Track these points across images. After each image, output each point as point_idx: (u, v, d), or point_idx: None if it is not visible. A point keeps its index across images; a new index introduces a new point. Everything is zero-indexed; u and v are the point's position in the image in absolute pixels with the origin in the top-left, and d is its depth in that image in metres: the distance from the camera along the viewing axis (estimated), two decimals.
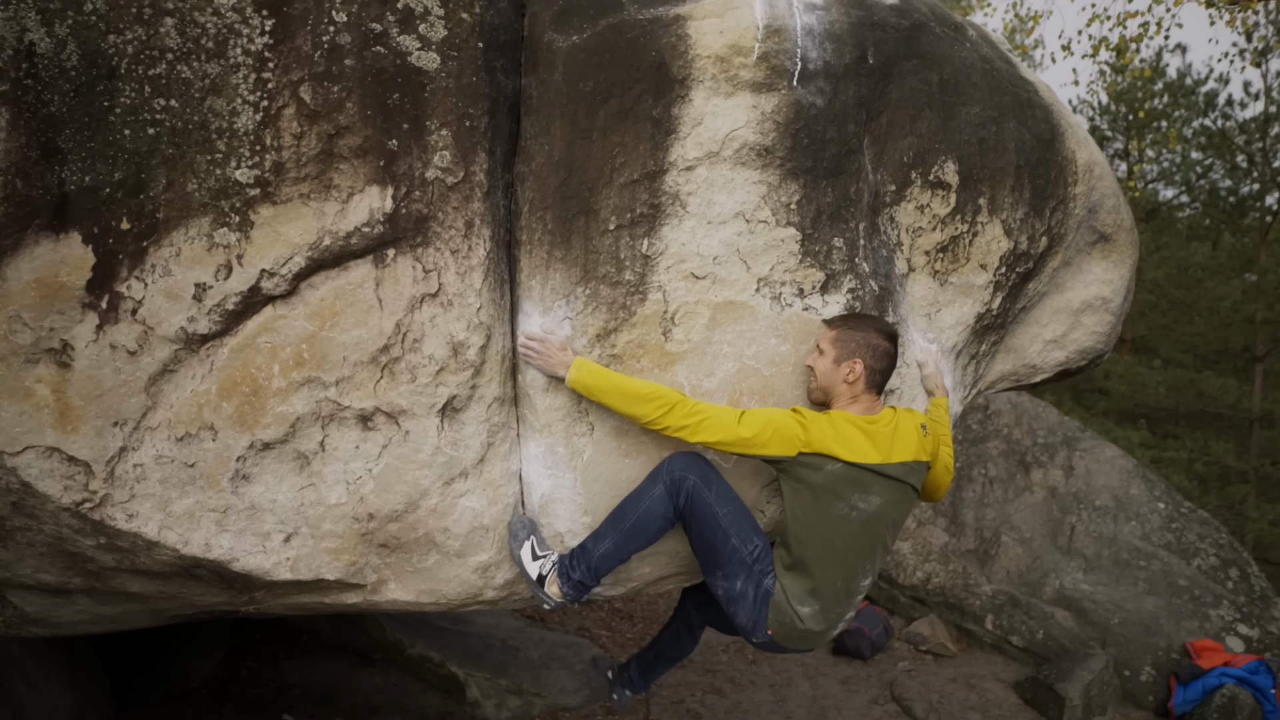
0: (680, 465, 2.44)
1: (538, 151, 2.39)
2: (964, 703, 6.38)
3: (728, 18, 2.43)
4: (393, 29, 2.25)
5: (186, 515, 2.24)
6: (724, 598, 2.54)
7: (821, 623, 2.50)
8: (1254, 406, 11.33)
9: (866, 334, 2.40)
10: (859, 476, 2.37)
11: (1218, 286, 11.51)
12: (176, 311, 2.15)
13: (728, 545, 2.46)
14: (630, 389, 2.33)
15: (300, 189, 2.21)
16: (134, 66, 2.06)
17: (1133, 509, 7.83)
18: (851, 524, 2.40)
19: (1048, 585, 7.34)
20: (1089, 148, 2.94)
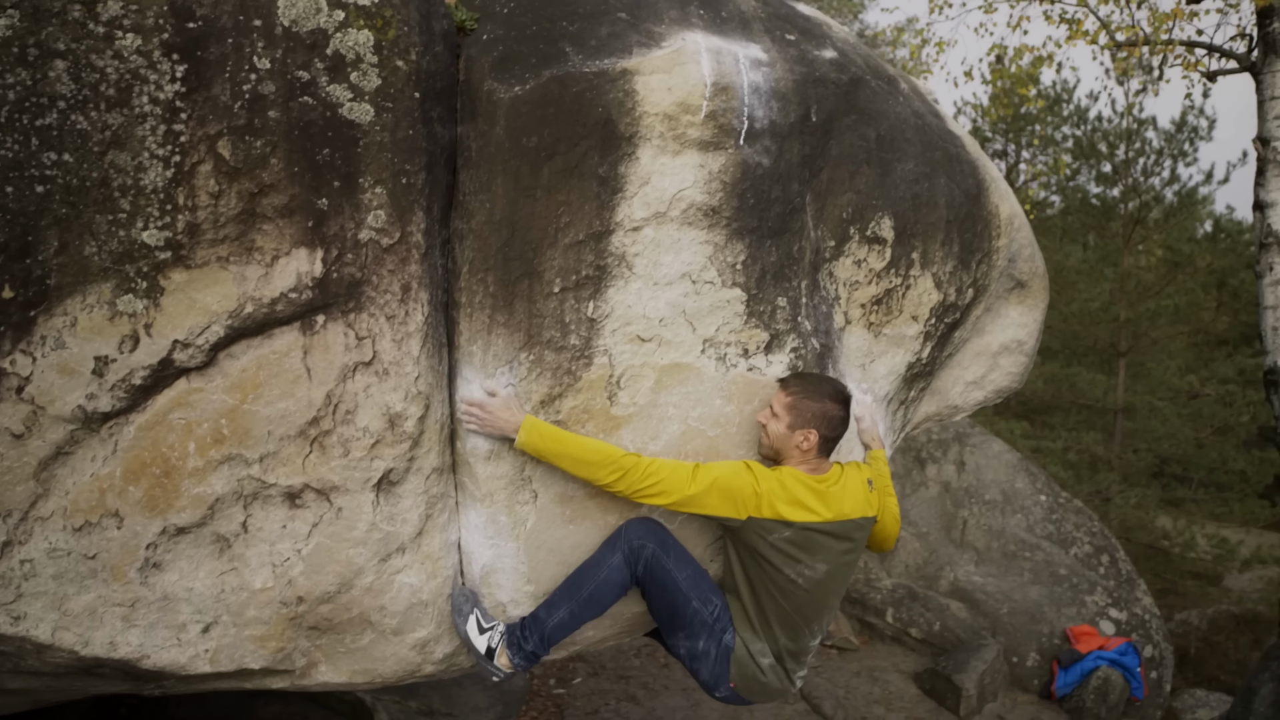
0: (638, 533, 2.39)
1: (478, 209, 2.25)
2: (868, 696, 6.61)
3: (676, 74, 2.34)
4: (322, 78, 2.06)
5: (87, 612, 2.03)
6: (686, 657, 2.53)
7: (779, 679, 2.51)
8: (1118, 399, 12.11)
9: (822, 404, 2.38)
10: (807, 540, 2.38)
11: (1089, 287, 12.21)
12: (72, 388, 1.93)
13: (689, 608, 2.44)
14: (583, 453, 2.26)
15: (218, 251, 2.01)
16: (17, 115, 1.81)
17: (1018, 502, 8.25)
18: (799, 588, 2.41)
19: (943, 578, 7.66)
20: (1010, 201, 3.01)
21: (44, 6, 1.83)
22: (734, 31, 2.57)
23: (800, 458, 2.43)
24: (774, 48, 2.59)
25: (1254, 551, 10.99)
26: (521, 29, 2.37)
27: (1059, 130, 14.12)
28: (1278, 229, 4.76)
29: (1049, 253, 11.53)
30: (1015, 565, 7.69)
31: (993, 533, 8.00)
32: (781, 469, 2.43)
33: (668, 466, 2.31)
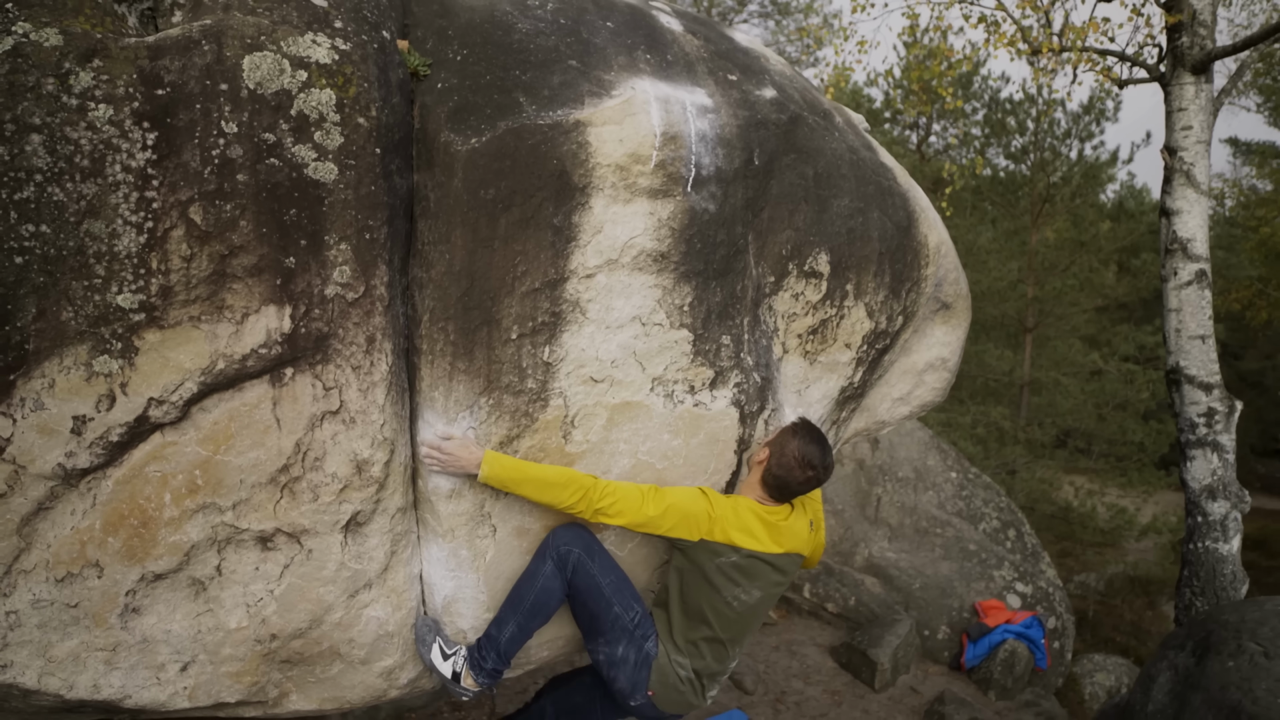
0: (565, 539, 2.55)
1: (438, 259, 2.36)
2: (787, 670, 6.93)
3: (627, 125, 2.47)
4: (287, 139, 2.13)
5: (70, 658, 2.11)
6: (604, 663, 2.66)
7: (694, 692, 2.69)
8: (1024, 374, 12.74)
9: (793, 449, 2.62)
10: (751, 566, 2.57)
11: (998, 265, 12.75)
12: (52, 447, 1.99)
13: (610, 613, 2.59)
14: (544, 478, 2.41)
15: (190, 311, 2.08)
16: None
17: (930, 479, 8.67)
18: (733, 611, 2.61)
19: (858, 554, 8.04)
20: (938, 230, 3.23)
21: (19, 82, 1.86)
22: (680, 76, 2.70)
23: (753, 484, 2.65)
24: (718, 91, 2.73)
25: (1150, 522, 11.77)
26: (476, 78, 2.46)
27: (969, 104, 14.59)
28: (1182, 235, 5.13)
29: (960, 231, 12.01)
30: (927, 541, 8.11)
31: (905, 509, 8.40)
32: (738, 497, 2.63)
33: (625, 488, 2.47)
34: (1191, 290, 5.12)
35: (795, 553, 2.70)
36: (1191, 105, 5.06)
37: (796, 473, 2.60)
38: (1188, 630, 4.44)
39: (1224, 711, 3.75)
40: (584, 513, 2.45)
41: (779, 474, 2.60)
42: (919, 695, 6.62)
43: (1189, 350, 5.17)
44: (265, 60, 2.10)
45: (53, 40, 1.92)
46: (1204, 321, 5.15)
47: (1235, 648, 4.00)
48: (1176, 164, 5.11)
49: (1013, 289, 12.88)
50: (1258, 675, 3.77)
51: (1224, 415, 5.14)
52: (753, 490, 2.68)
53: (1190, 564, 5.24)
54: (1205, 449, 5.15)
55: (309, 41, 2.18)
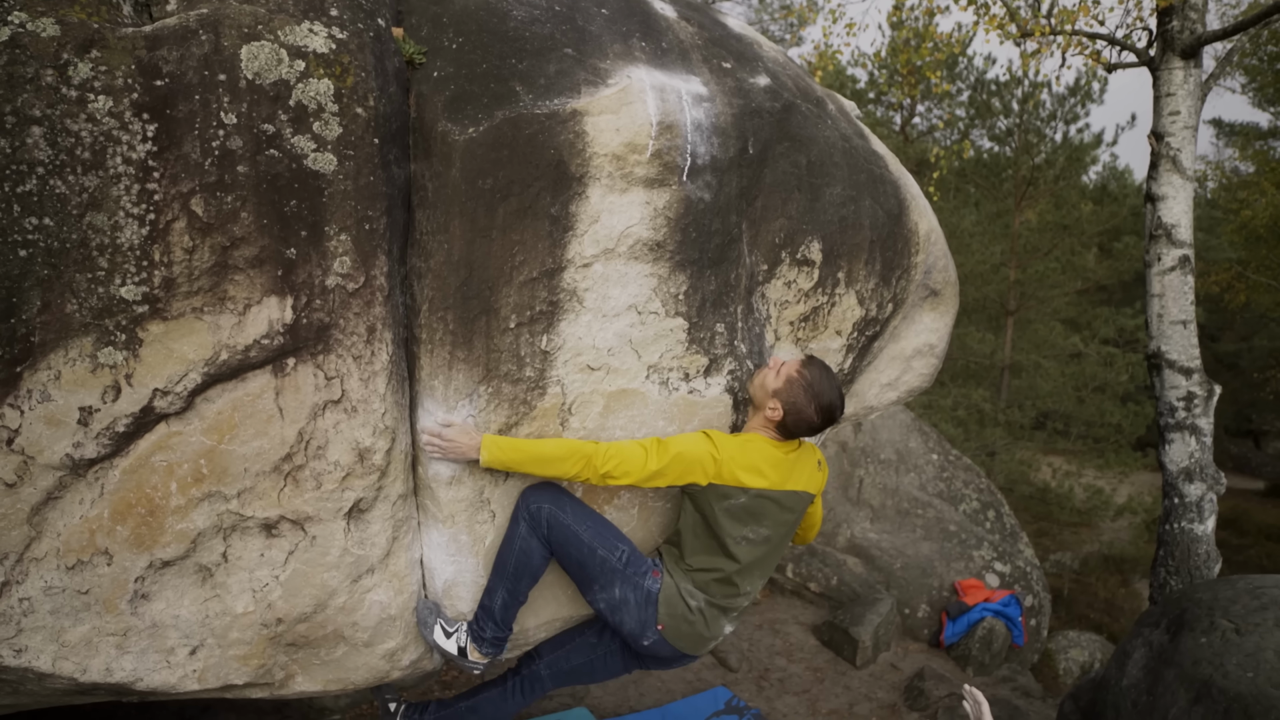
0: (532, 498, 2.55)
1: (436, 249, 2.38)
2: (770, 648, 7.04)
3: (623, 114, 2.49)
4: (286, 129, 2.14)
5: (83, 643, 2.14)
6: (606, 610, 2.64)
7: (706, 623, 2.66)
8: (1005, 357, 12.88)
9: (811, 404, 2.62)
10: (759, 506, 2.59)
11: (981, 249, 12.85)
12: (60, 438, 2.01)
13: (595, 558, 2.58)
14: (545, 454, 2.42)
15: (193, 303, 2.10)
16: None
17: (911, 461, 8.79)
18: (742, 549, 2.61)
19: (840, 535, 8.15)
20: (928, 217, 3.27)
21: (18, 74, 1.86)
22: (675, 64, 2.73)
23: (762, 423, 2.67)
24: (713, 79, 2.76)
25: (1125, 502, 11.98)
26: (472, 66, 2.47)
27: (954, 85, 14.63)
28: (1167, 221, 5.20)
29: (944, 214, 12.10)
30: (908, 522, 8.24)
31: (887, 491, 8.52)
32: (746, 435, 2.65)
33: (627, 448, 2.47)
34: (1174, 276, 5.21)
35: (804, 491, 2.72)
36: (1180, 90, 5.11)
37: (815, 420, 2.64)
38: (1162, 608, 4.55)
39: (1196, 686, 3.85)
40: (590, 479, 2.45)
41: (793, 421, 2.63)
42: (899, 672, 6.75)
43: (1170, 335, 5.26)
44: (263, 50, 2.11)
45: (50, 30, 1.92)
46: (1186, 307, 5.24)
47: (1208, 624, 4.10)
48: (1163, 149, 5.18)
49: (995, 272, 13.00)
50: (1229, 651, 3.88)
51: (1203, 399, 5.25)
52: (764, 429, 2.69)
53: (1166, 544, 5.36)
54: (1184, 432, 5.26)
55: (306, 30, 2.19)
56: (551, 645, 2.97)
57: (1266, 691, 3.58)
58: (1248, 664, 3.75)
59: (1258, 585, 4.28)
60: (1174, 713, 3.85)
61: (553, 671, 2.95)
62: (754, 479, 2.57)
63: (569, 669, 2.94)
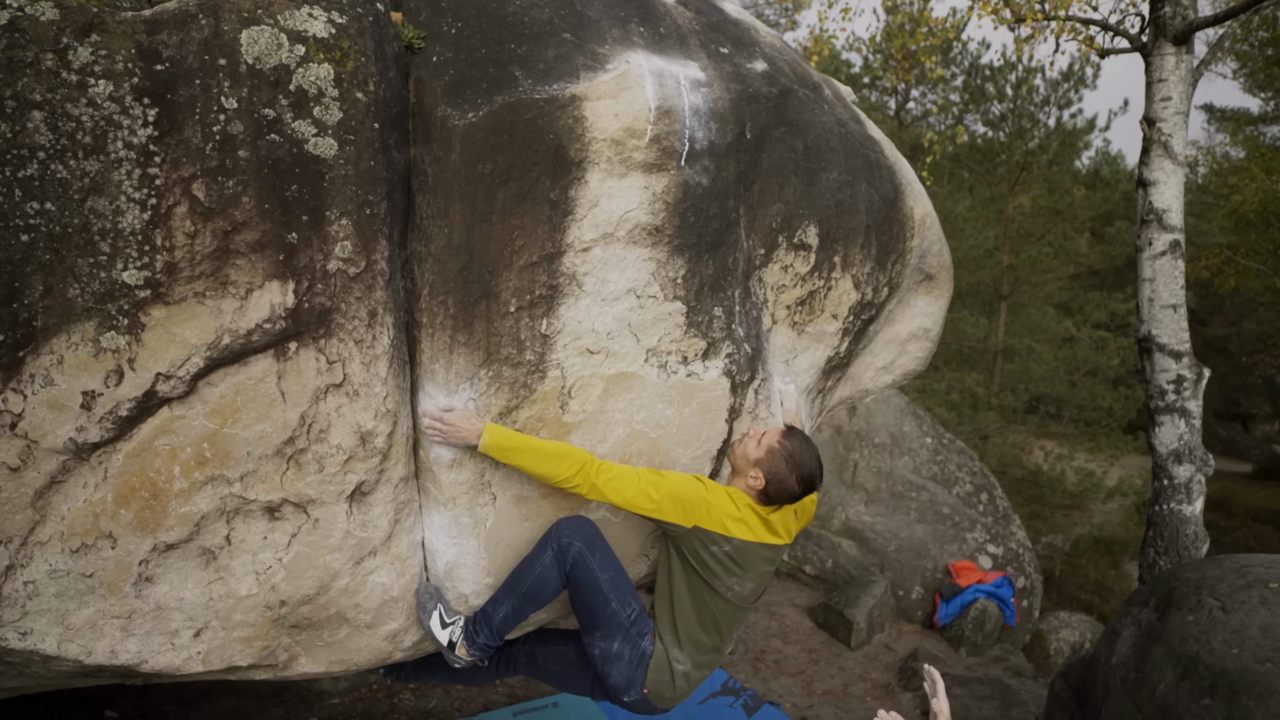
0: (567, 531, 2.57)
1: (436, 234, 2.39)
2: (766, 630, 7.11)
3: (622, 99, 2.50)
4: (287, 114, 2.15)
5: (88, 625, 2.16)
6: (599, 657, 2.66)
7: (685, 688, 2.74)
8: (999, 341, 12.94)
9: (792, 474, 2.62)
10: (744, 553, 2.62)
11: (975, 233, 12.89)
12: (63, 422, 2.03)
13: (608, 609, 2.60)
14: (543, 450, 2.44)
15: (195, 287, 2.11)
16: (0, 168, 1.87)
17: (905, 444, 8.84)
18: (728, 601, 2.67)
19: (835, 518, 8.20)
20: (923, 202, 3.29)
21: (18, 58, 1.86)
22: (673, 49, 2.73)
23: (744, 488, 2.68)
24: (710, 65, 2.76)
25: (1116, 485, 12.07)
26: (471, 51, 2.48)
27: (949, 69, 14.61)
28: (1158, 206, 5.22)
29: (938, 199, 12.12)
30: (902, 505, 8.30)
31: (882, 474, 8.58)
32: (733, 489, 2.67)
33: (625, 468, 2.50)
34: (1165, 260, 5.24)
35: (782, 545, 2.76)
36: (1171, 76, 5.13)
37: (796, 489, 2.64)
38: (1151, 587, 4.60)
39: (1183, 662, 3.91)
40: (579, 487, 2.45)
41: (775, 490, 2.63)
42: (893, 653, 6.82)
43: (1161, 319, 5.30)
44: (263, 35, 2.11)
45: (49, 14, 1.92)
46: (1176, 291, 5.27)
47: (1195, 603, 4.16)
48: (1155, 135, 5.20)
49: (989, 257, 13.05)
50: (1215, 628, 3.94)
51: (1192, 382, 5.29)
52: (742, 487, 2.70)
53: (1155, 525, 5.42)
54: (1173, 415, 5.30)
55: (305, 15, 2.19)
56: (538, 637, 3.00)
57: (1251, 667, 3.64)
58: (1233, 641, 3.81)
59: (1243, 564, 4.34)
60: (1162, 689, 3.91)
61: (530, 662, 2.98)
62: (740, 529, 2.60)
63: (542, 667, 2.97)
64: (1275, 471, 20.05)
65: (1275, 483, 19.50)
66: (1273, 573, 4.20)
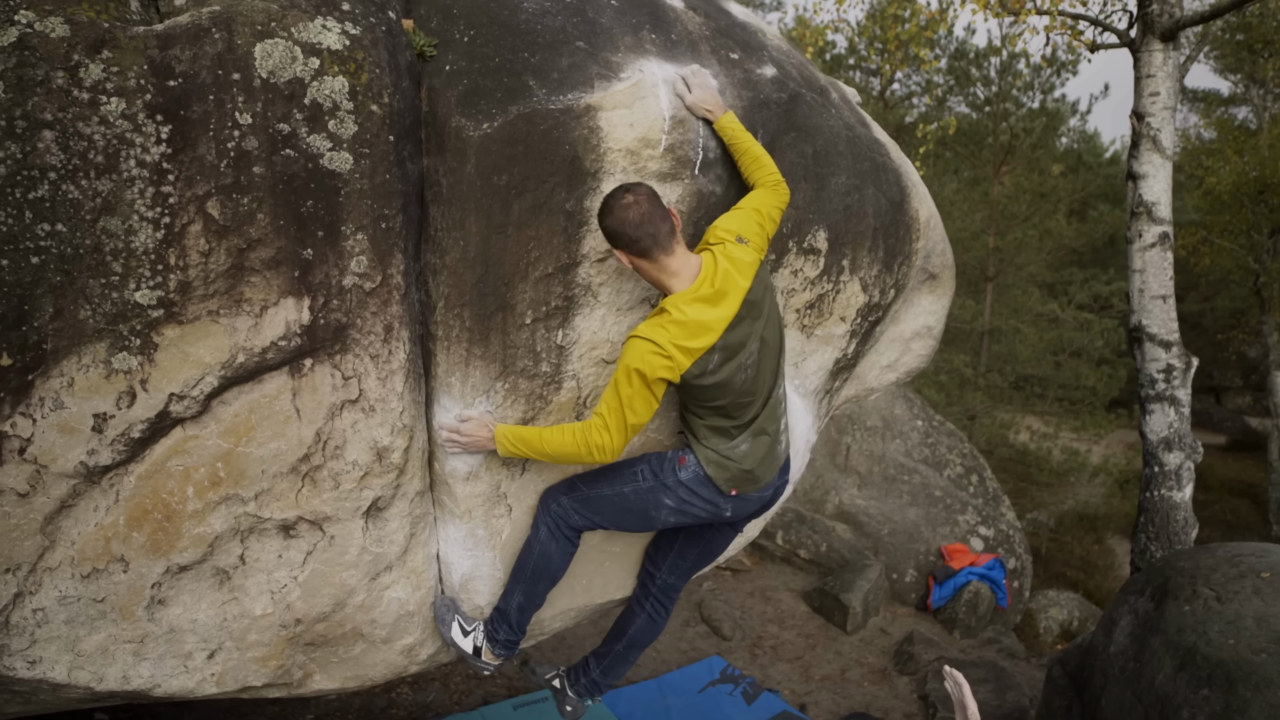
0: (548, 497, 2.57)
1: (452, 246, 2.35)
2: (762, 615, 7.16)
3: (636, 109, 2.46)
4: (302, 129, 2.10)
5: (99, 651, 2.13)
6: (679, 523, 2.58)
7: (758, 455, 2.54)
8: (985, 322, 13.02)
9: (604, 218, 2.32)
10: (728, 346, 2.38)
11: (962, 216, 12.93)
12: (74, 446, 1.99)
13: (629, 497, 2.51)
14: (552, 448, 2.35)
15: (209, 306, 2.06)
16: (10, 190, 1.81)
17: (897, 428, 8.89)
18: (749, 372, 2.44)
19: (829, 502, 8.25)
20: (928, 204, 3.28)
21: (28, 76, 1.80)
22: (685, 56, 2.69)
23: (655, 276, 2.37)
24: (722, 72, 2.73)
25: (1101, 463, 12.23)
26: (484, 60, 2.43)
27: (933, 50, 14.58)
28: (1147, 199, 5.25)
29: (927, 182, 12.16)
30: (895, 488, 8.36)
31: (874, 458, 8.63)
32: (666, 304, 2.35)
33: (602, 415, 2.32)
34: (1155, 252, 5.27)
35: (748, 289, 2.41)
36: (1159, 72, 5.14)
37: (629, 213, 2.27)
38: (1146, 576, 4.66)
39: (1180, 652, 3.97)
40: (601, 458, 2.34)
41: (618, 229, 2.29)
42: (888, 636, 6.90)
43: (1151, 309, 5.34)
44: (277, 48, 2.06)
45: (59, 31, 1.86)
46: (1165, 282, 5.31)
47: (1190, 593, 4.22)
48: (1144, 129, 5.22)
49: (975, 239, 13.10)
50: (1211, 619, 4.00)
51: (1181, 371, 5.35)
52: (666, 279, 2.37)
53: (1146, 511, 5.49)
54: (1163, 403, 5.36)
55: (319, 27, 2.13)
56: (659, 553, 2.92)
57: (1247, 658, 3.70)
58: (1229, 631, 3.87)
59: (1236, 554, 4.41)
60: (1160, 679, 3.97)
61: (677, 573, 2.91)
62: (705, 337, 2.32)
63: (689, 564, 2.90)
64: (1248, 444, 20.39)
65: (1249, 455, 19.86)
66: (1264, 562, 4.26)
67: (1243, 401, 25.15)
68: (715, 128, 2.56)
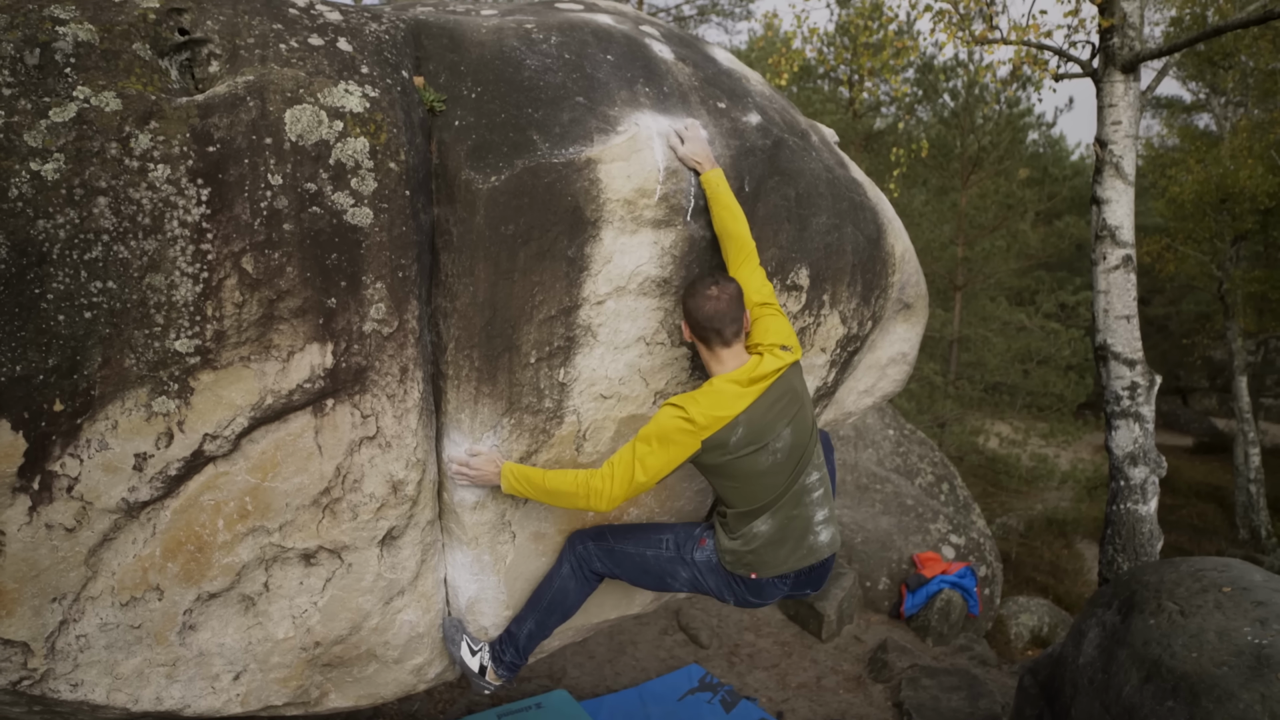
0: (578, 540, 2.78)
1: (462, 291, 2.52)
2: (739, 624, 7.36)
3: (633, 161, 2.65)
4: (327, 187, 2.27)
5: (135, 674, 2.28)
6: (691, 592, 2.81)
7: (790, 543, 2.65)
8: (955, 330, 13.33)
9: (690, 301, 2.60)
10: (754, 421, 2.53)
11: (932, 228, 13.23)
12: (116, 484, 2.14)
13: (650, 560, 2.74)
14: (552, 488, 2.52)
15: (241, 352, 2.22)
16: (67, 251, 1.97)
17: (869, 437, 9.12)
18: (777, 457, 2.58)
19: None
20: (903, 239, 3.49)
21: (85, 149, 1.96)
22: (676, 108, 2.88)
23: (710, 360, 2.62)
24: (711, 122, 2.92)
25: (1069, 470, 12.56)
26: (491, 115, 2.60)
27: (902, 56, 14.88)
28: (1110, 223, 5.52)
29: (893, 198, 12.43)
30: (868, 497, 8.59)
31: (847, 467, 8.86)
32: (711, 380, 2.58)
33: (612, 468, 2.49)
34: (1119, 274, 5.54)
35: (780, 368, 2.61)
36: (1121, 102, 5.42)
37: (707, 305, 2.54)
38: (1114, 589, 4.90)
39: (1146, 665, 4.18)
40: (598, 506, 2.50)
41: (700, 318, 2.56)
42: (863, 644, 7.12)
43: (1115, 329, 5.60)
44: (305, 113, 2.23)
45: (113, 105, 2.01)
46: (1129, 303, 5.58)
47: (1155, 607, 4.45)
48: (1107, 156, 5.48)
49: (944, 250, 13.42)
50: (1175, 632, 4.22)
51: (1145, 389, 5.61)
52: (714, 364, 2.62)
53: (1113, 524, 5.75)
54: (1128, 419, 5.62)
55: (342, 91, 2.30)
56: None
57: (1210, 670, 3.91)
58: (1192, 645, 4.09)
59: (1198, 568, 4.64)
60: (1127, 691, 4.19)
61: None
62: (732, 406, 2.50)
63: None
64: (1215, 446, 20.90)
65: (1214, 457, 20.36)
66: (1225, 576, 4.50)
67: (1209, 403, 25.79)
68: (701, 180, 2.76)
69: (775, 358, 2.62)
